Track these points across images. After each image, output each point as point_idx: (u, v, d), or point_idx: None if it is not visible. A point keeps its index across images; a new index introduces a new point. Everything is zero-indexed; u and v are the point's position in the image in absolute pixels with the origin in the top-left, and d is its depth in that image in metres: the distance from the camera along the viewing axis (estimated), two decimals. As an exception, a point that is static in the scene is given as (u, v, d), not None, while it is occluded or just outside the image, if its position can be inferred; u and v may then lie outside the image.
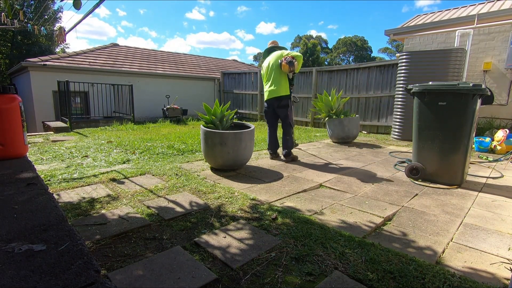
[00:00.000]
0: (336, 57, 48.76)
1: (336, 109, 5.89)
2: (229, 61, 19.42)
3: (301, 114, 9.52)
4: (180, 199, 2.52)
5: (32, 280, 0.97)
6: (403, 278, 1.46)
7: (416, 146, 3.33)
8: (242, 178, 3.28)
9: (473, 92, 2.87)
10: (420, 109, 3.24)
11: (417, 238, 1.94)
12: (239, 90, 11.58)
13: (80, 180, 3.03)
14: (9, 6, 3.46)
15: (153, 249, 1.71)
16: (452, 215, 2.35)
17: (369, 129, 7.89)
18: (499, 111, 6.42)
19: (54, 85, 8.72)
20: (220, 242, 1.81)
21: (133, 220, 2.07)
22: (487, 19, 7.21)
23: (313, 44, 41.81)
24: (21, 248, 1.16)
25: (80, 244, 1.21)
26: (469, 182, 3.29)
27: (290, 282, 1.44)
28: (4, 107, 2.56)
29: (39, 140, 5.62)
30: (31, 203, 1.62)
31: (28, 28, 9.31)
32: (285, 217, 2.18)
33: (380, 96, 7.55)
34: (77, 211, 2.22)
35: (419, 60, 5.94)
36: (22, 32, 17.87)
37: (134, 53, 13.60)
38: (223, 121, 3.79)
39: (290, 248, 1.74)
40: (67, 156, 4.16)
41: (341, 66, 8.57)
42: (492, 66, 6.46)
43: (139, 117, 10.29)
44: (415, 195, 2.83)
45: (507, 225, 2.18)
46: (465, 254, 1.77)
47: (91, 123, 8.58)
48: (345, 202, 2.59)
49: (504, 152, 4.85)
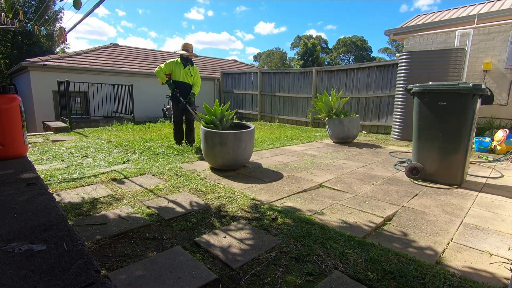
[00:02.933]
0: (336, 57, 48.75)
1: (336, 109, 5.89)
2: (229, 61, 19.42)
3: (301, 114, 9.53)
4: (180, 199, 2.53)
5: (32, 280, 0.97)
6: (403, 278, 1.46)
7: (416, 146, 3.33)
8: (242, 178, 3.28)
9: (473, 92, 2.87)
10: (420, 109, 3.24)
11: (417, 238, 1.94)
12: (239, 90, 11.58)
13: (80, 180, 3.03)
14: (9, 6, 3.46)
15: (153, 249, 1.71)
16: (452, 215, 2.35)
17: (369, 129, 7.88)
18: (499, 111, 6.42)
19: (54, 85, 8.71)
20: (220, 242, 1.81)
21: (133, 220, 2.07)
22: (487, 19, 7.21)
23: (313, 44, 41.80)
24: (21, 248, 1.16)
25: (80, 244, 1.21)
26: (469, 182, 3.29)
27: (290, 282, 1.44)
28: (4, 107, 2.56)
29: (39, 140, 5.62)
30: (31, 203, 1.62)
31: (28, 28, 9.30)
32: (285, 217, 2.18)
33: (380, 96, 7.55)
34: (77, 211, 2.22)
35: (419, 60, 5.94)
36: (22, 32, 17.88)
37: (134, 53, 13.61)
38: (223, 121, 3.79)
39: (290, 248, 1.74)
40: (67, 156, 4.16)
41: (341, 66, 8.57)
42: (492, 66, 6.46)
43: (139, 117, 10.29)
44: (415, 195, 2.83)
45: (507, 225, 2.18)
46: (465, 254, 1.77)
47: (91, 123, 8.58)
48: (345, 202, 2.59)
49: (504, 152, 4.85)
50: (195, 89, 4.89)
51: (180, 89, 4.79)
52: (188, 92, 4.84)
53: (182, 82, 4.80)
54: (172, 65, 4.78)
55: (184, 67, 4.78)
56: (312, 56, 40.44)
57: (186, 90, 4.84)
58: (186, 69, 4.80)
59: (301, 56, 41.33)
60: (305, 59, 40.29)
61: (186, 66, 4.79)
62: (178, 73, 4.78)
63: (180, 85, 4.80)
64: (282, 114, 10.10)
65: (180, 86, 4.80)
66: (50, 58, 10.11)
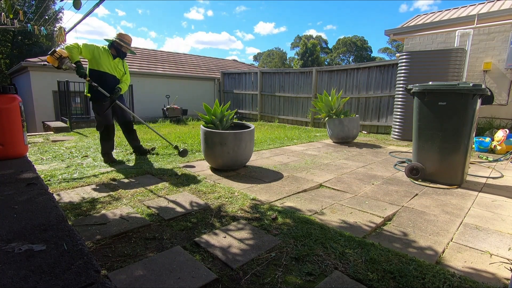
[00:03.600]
0: (336, 57, 48.76)
1: (336, 109, 5.89)
2: (229, 61, 19.42)
3: (301, 114, 9.53)
4: (180, 199, 2.52)
5: (32, 280, 0.97)
6: (403, 278, 1.46)
7: (416, 146, 3.33)
8: (242, 178, 3.28)
9: (473, 92, 2.87)
10: (420, 109, 3.24)
11: (417, 238, 1.94)
12: (239, 90, 11.58)
13: (80, 180, 3.02)
14: (9, 6, 3.45)
15: (153, 249, 1.71)
16: (452, 215, 2.35)
17: (369, 129, 7.88)
18: (499, 111, 6.42)
19: (54, 85, 8.71)
20: (220, 242, 1.81)
21: (133, 220, 2.07)
22: (487, 19, 7.21)
23: (313, 44, 41.82)
24: (21, 248, 1.16)
25: (80, 244, 1.21)
26: (469, 182, 3.29)
27: (290, 282, 1.44)
28: (4, 107, 2.56)
29: (39, 140, 5.62)
30: (31, 203, 1.62)
31: (28, 28, 9.31)
32: (285, 217, 2.18)
33: (380, 96, 7.55)
34: (77, 211, 2.22)
35: (419, 60, 5.94)
36: (22, 32, 17.88)
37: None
38: (223, 121, 3.79)
39: (290, 248, 1.74)
40: (67, 156, 4.16)
41: (341, 66, 8.57)
42: (492, 66, 6.46)
43: (139, 117, 10.28)
44: (415, 195, 2.83)
45: (507, 225, 2.18)
46: (465, 254, 1.77)
47: (91, 123, 8.56)
48: (345, 202, 2.59)
49: (504, 152, 4.85)
50: (123, 85, 3.99)
51: (103, 82, 3.78)
52: (113, 87, 3.89)
53: (108, 74, 3.85)
54: (96, 50, 3.75)
55: (113, 58, 3.89)
56: (312, 56, 40.46)
57: (112, 85, 3.88)
58: (116, 61, 3.92)
59: (301, 56, 41.35)
60: (305, 59, 40.30)
61: (116, 58, 3.92)
62: (105, 62, 3.81)
63: (105, 77, 3.82)
64: (282, 114, 10.10)
65: (104, 78, 3.81)
66: (50, 58, 10.09)
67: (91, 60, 3.78)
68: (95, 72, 3.78)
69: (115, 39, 3.85)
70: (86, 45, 3.71)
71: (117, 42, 3.85)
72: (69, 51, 3.55)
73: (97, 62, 3.77)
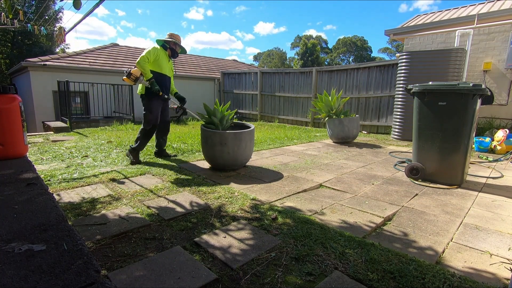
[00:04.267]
0: (336, 57, 48.76)
1: (336, 109, 5.89)
2: (229, 61, 19.42)
3: (301, 114, 9.53)
4: (180, 199, 2.52)
5: (32, 280, 0.97)
6: (403, 278, 1.46)
7: (416, 146, 3.33)
8: (242, 178, 3.28)
9: (473, 92, 2.87)
10: (420, 109, 3.24)
11: (417, 238, 1.94)
12: (239, 90, 11.58)
13: (80, 180, 3.02)
14: (9, 6, 3.45)
15: (153, 249, 1.71)
16: (452, 215, 2.35)
17: (369, 129, 7.88)
18: (499, 111, 6.42)
19: (54, 85, 8.71)
20: (220, 242, 1.81)
21: (133, 220, 2.07)
22: (487, 19, 7.21)
23: (313, 44, 41.80)
24: (21, 248, 1.16)
25: (80, 244, 1.21)
26: (469, 182, 3.29)
27: (290, 282, 1.44)
28: (4, 107, 2.56)
29: (39, 140, 5.62)
30: (31, 203, 1.62)
31: (28, 28, 9.31)
32: (285, 217, 2.18)
33: (380, 96, 7.55)
34: (77, 211, 2.22)
35: (419, 60, 5.94)
36: (22, 32, 17.88)
37: (134, 53, 13.61)
38: (223, 121, 3.79)
39: (290, 248, 1.74)
40: (67, 156, 4.16)
41: (341, 66, 8.57)
42: (492, 66, 6.46)
43: (139, 117, 10.24)
44: (415, 195, 2.83)
45: (507, 225, 2.18)
46: (465, 254, 1.77)
47: (91, 123, 8.57)
48: (345, 202, 2.59)
49: (504, 152, 4.85)
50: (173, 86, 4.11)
51: (162, 84, 3.83)
52: (168, 88, 3.99)
53: (167, 76, 3.90)
54: (160, 54, 3.77)
55: (169, 60, 3.95)
56: (312, 56, 40.44)
57: (167, 86, 3.96)
58: (170, 63, 3.99)
59: (301, 56, 41.34)
60: (305, 59, 40.28)
61: (170, 60, 3.99)
62: (165, 65, 3.83)
63: (164, 79, 3.86)
64: (282, 114, 10.10)
65: (164, 80, 3.86)
66: (50, 58, 10.10)
67: (154, 63, 3.75)
68: (156, 74, 3.76)
69: (170, 39, 3.85)
70: (150, 51, 3.68)
71: (173, 42, 3.86)
72: (142, 68, 3.61)
73: (159, 65, 3.78)
